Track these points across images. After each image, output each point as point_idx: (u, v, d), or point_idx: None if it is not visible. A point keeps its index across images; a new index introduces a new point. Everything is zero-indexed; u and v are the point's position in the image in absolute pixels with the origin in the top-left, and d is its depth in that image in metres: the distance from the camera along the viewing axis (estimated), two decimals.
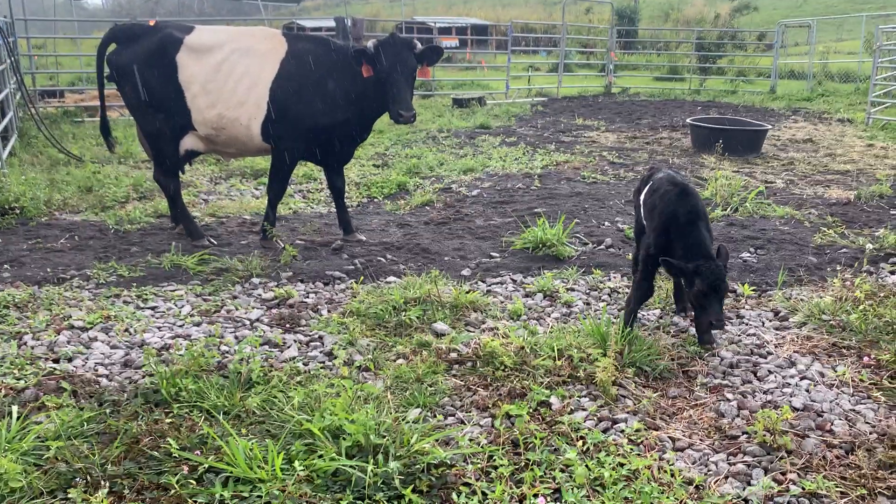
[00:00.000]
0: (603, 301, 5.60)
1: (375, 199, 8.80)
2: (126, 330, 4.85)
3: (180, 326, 4.98)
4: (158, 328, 4.94)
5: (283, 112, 6.26)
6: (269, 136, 6.37)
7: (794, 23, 30.47)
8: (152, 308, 5.29)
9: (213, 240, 6.81)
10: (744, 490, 3.27)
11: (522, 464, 3.42)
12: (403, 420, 3.63)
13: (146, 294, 5.51)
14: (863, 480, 3.35)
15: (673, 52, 27.13)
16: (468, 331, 4.93)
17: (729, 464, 3.50)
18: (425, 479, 3.23)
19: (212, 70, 6.21)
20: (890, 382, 4.27)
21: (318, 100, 6.27)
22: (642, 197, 5.01)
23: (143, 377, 4.17)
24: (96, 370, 4.29)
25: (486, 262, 6.42)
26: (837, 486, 3.28)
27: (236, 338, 4.79)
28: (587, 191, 9.06)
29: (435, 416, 3.83)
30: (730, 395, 4.14)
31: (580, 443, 3.58)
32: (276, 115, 6.26)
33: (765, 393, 4.17)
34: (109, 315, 5.05)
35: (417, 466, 3.27)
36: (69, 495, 3.02)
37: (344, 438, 3.34)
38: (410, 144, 12.20)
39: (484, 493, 3.18)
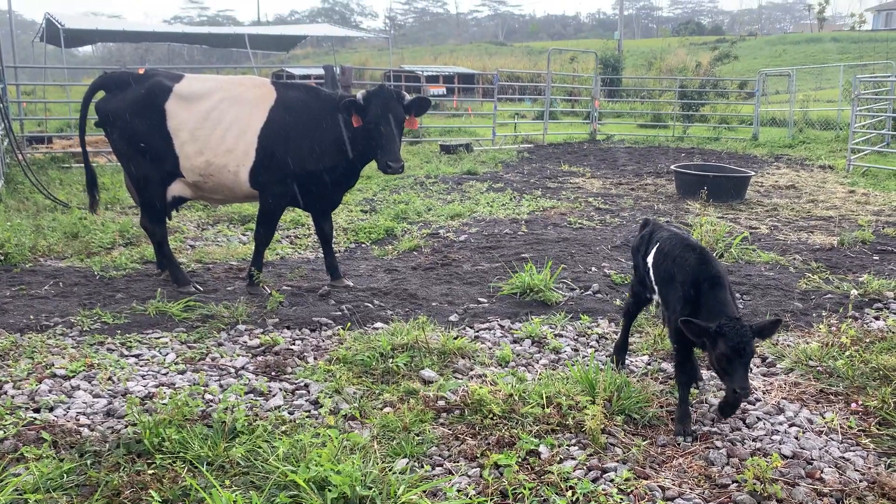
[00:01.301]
0: (591, 347, 5.59)
1: (363, 245, 8.81)
2: (109, 378, 4.78)
3: (164, 374, 4.91)
4: (142, 376, 4.87)
5: (272, 159, 6.30)
6: (257, 183, 6.39)
7: (774, 72, 31.19)
8: (136, 356, 5.23)
9: (199, 286, 6.77)
10: None
11: None
12: (390, 470, 3.57)
13: (130, 341, 5.45)
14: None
15: (656, 100, 27.62)
16: (456, 378, 4.89)
17: None
18: None
19: (200, 118, 6.25)
20: (878, 429, 4.26)
21: (306, 147, 6.31)
22: (650, 260, 4.66)
23: (126, 427, 4.09)
24: (78, 420, 4.22)
25: (474, 308, 6.41)
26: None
27: (221, 386, 4.73)
28: (574, 236, 9.12)
29: (422, 466, 3.78)
30: (719, 443, 4.12)
31: (570, 493, 3.53)
32: (264, 163, 6.30)
33: (754, 440, 4.15)
34: (92, 363, 4.99)
35: None
36: None
37: (329, 490, 3.28)
38: (398, 190, 12.27)
39: None
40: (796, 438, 4.19)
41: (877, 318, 6.23)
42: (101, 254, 7.86)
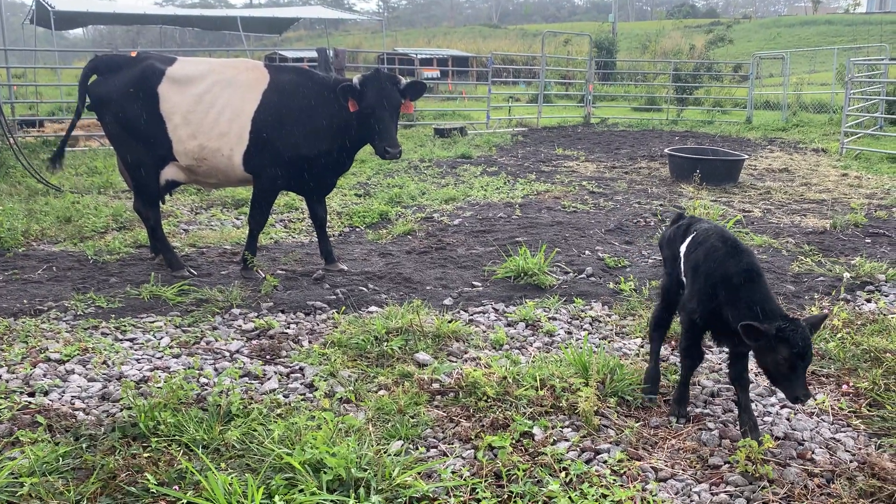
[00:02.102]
0: (584, 330, 5.61)
1: (357, 229, 8.80)
2: (104, 362, 4.79)
3: (159, 358, 4.92)
4: (137, 360, 4.88)
5: (265, 143, 6.27)
6: (251, 167, 6.37)
7: (768, 55, 31.12)
8: (131, 340, 5.23)
9: (193, 270, 6.77)
10: None
11: (505, 496, 3.40)
12: (385, 453, 3.60)
13: (125, 326, 5.44)
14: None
15: (650, 84, 27.56)
16: (450, 361, 4.92)
17: (712, 494, 3.49)
18: None
19: (193, 101, 6.22)
20: (869, 410, 4.30)
21: (299, 131, 6.29)
22: (683, 249, 4.32)
23: (121, 410, 4.10)
24: (73, 404, 4.22)
25: (468, 292, 6.43)
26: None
27: (216, 370, 4.74)
28: (568, 220, 9.13)
29: (417, 448, 3.80)
30: (711, 425, 4.16)
31: (563, 474, 3.56)
32: (257, 146, 6.28)
33: None
34: (87, 347, 4.99)
35: (399, 500, 3.24)
36: None
37: (325, 472, 3.30)
38: (392, 174, 12.25)
39: None
40: (788, 420, 4.23)
41: (868, 301, 6.27)
42: (95, 238, 7.84)
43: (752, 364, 4.27)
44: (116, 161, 7.13)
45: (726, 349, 4.19)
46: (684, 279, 4.24)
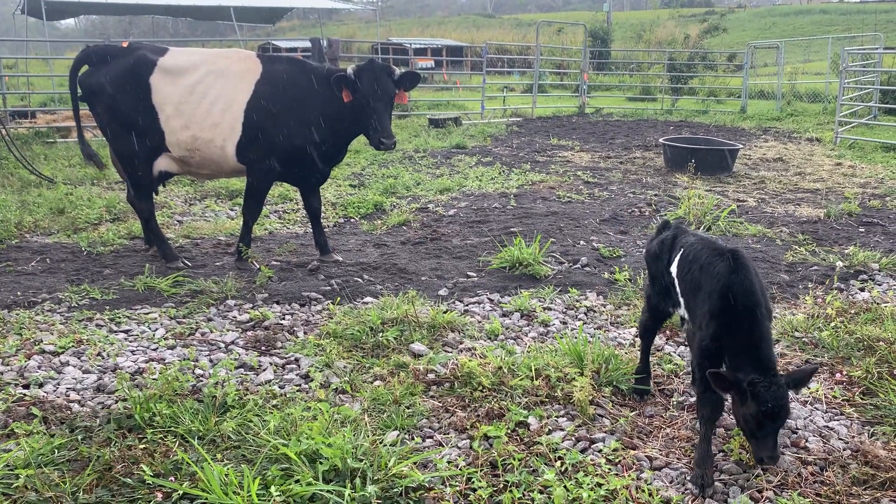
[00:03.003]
0: (579, 320, 5.62)
1: (352, 220, 8.79)
2: (99, 354, 4.78)
3: (154, 350, 4.91)
4: (132, 352, 4.87)
5: (258, 133, 6.25)
6: (244, 158, 6.35)
7: (762, 44, 31.12)
8: (125, 331, 5.22)
9: (187, 261, 6.75)
10: None
11: (501, 486, 3.41)
12: (381, 443, 3.60)
13: (119, 317, 5.43)
14: (837, 497, 3.39)
15: (645, 73, 27.52)
16: (446, 351, 4.92)
17: None
18: (403, 502, 3.21)
19: (186, 92, 6.19)
20: (862, 399, 4.33)
21: (293, 121, 6.26)
22: (674, 269, 3.95)
23: (116, 402, 4.10)
24: (68, 395, 4.22)
25: (464, 282, 6.43)
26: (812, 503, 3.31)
27: (211, 361, 4.74)
28: (562, 210, 9.13)
29: (413, 438, 3.81)
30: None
31: (558, 463, 3.58)
32: (250, 137, 6.25)
33: None
34: (82, 339, 4.98)
35: (395, 490, 3.25)
36: None
37: (321, 462, 3.31)
38: (387, 164, 12.22)
39: None
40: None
41: (862, 290, 6.30)
42: (88, 229, 7.81)
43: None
44: (109, 152, 7.09)
45: None
46: (681, 299, 3.89)
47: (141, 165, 6.43)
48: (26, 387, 4.30)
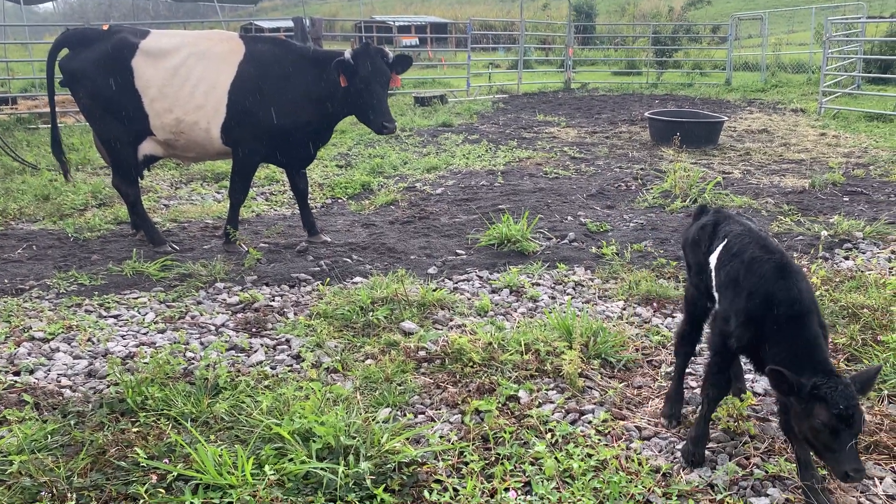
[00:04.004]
0: (568, 294, 5.66)
1: (339, 200, 8.77)
2: (89, 339, 4.78)
3: (144, 334, 4.92)
4: (122, 337, 4.87)
5: (243, 115, 6.21)
6: (229, 140, 6.32)
7: (746, 15, 31.05)
8: (115, 316, 5.21)
9: (175, 245, 6.73)
10: (710, 475, 3.34)
11: (493, 458, 3.45)
12: (373, 420, 3.64)
13: (108, 302, 5.43)
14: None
15: (630, 47, 27.45)
16: (436, 329, 4.95)
17: None
18: (397, 477, 3.25)
19: (168, 74, 6.13)
20: (847, 365, 4.39)
21: (278, 102, 6.23)
22: (713, 260, 3.59)
23: (108, 387, 4.11)
24: (59, 381, 4.22)
25: (452, 260, 6.45)
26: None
27: (202, 344, 4.75)
28: (550, 186, 9.14)
29: (405, 414, 3.85)
30: (693, 383, 4.23)
31: (549, 435, 3.62)
32: (235, 119, 6.21)
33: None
34: (71, 325, 4.97)
35: (389, 466, 3.29)
36: None
37: (314, 441, 3.33)
38: (373, 144, 12.18)
39: (455, 490, 3.20)
40: (754, 371, 4.30)
41: (846, 258, 6.36)
42: (74, 215, 7.77)
43: None
44: (93, 137, 7.03)
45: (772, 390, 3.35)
46: (716, 294, 3.54)
47: (125, 149, 6.39)
48: (17, 374, 4.30)
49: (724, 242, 3.54)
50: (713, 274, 3.55)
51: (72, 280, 5.84)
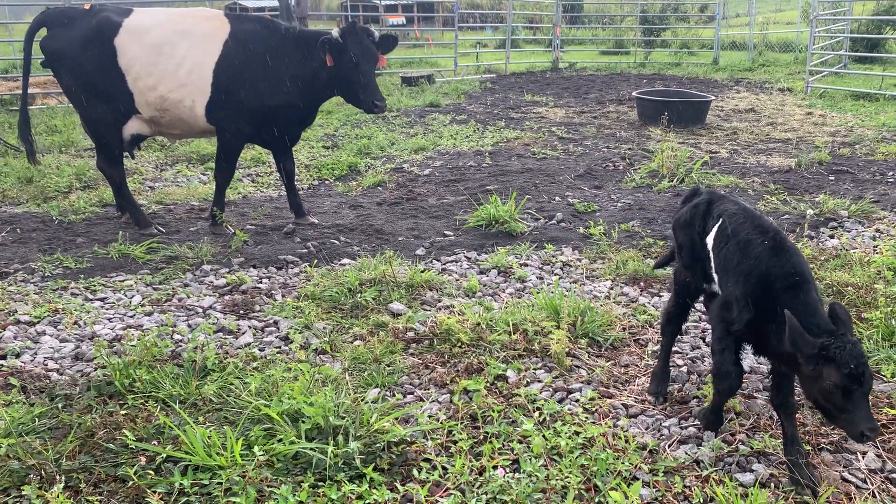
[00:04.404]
0: (555, 275, 5.68)
1: (326, 181, 8.73)
2: (75, 323, 4.75)
3: (131, 317, 4.90)
4: (109, 319, 4.85)
5: (228, 94, 6.15)
6: (213, 119, 6.26)
7: None
8: (101, 299, 5.19)
9: (161, 228, 6.69)
10: (696, 452, 3.38)
11: (481, 437, 3.48)
12: (362, 400, 3.65)
13: (94, 285, 5.39)
14: (807, 437, 3.50)
15: (618, 26, 27.34)
16: (424, 309, 4.96)
17: (681, 427, 3.61)
18: (386, 457, 3.26)
19: (153, 52, 6.06)
20: None
21: (262, 82, 6.17)
22: (710, 241, 3.58)
23: (96, 369, 4.10)
24: (46, 364, 4.21)
25: (441, 241, 6.45)
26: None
27: (189, 326, 4.74)
28: (537, 167, 9.14)
29: (394, 394, 3.86)
30: (680, 361, 4.26)
31: (537, 414, 3.65)
32: (220, 98, 6.15)
33: None
34: (57, 308, 4.94)
35: (378, 445, 3.30)
36: (23, 492, 2.98)
37: (303, 421, 3.34)
38: (360, 125, 12.11)
39: (444, 468, 3.22)
40: (753, 354, 4.34)
41: (831, 237, 6.41)
42: (59, 198, 7.69)
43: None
44: (79, 119, 6.94)
45: (771, 368, 3.44)
46: (715, 275, 3.55)
47: (110, 130, 6.32)
48: (3, 357, 4.28)
49: (719, 223, 3.52)
50: (711, 255, 3.54)
51: (57, 263, 5.80)
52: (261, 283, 5.52)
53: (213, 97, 6.15)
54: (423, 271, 5.49)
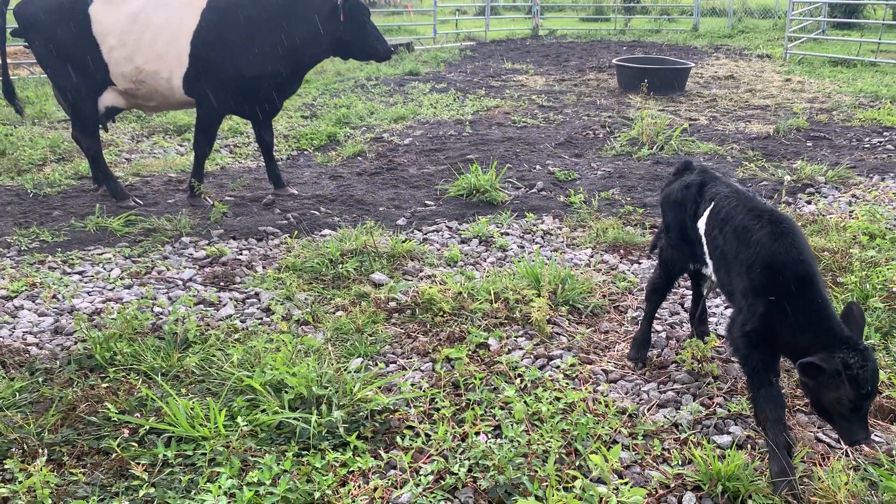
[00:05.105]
0: (536, 243, 5.70)
1: (305, 152, 8.66)
2: (54, 296, 4.71)
3: (111, 290, 4.86)
4: (88, 293, 4.81)
5: (206, 65, 6.04)
6: (191, 90, 6.16)
7: None
8: (80, 273, 5.14)
9: (138, 200, 6.62)
10: (674, 415, 3.44)
11: (463, 404, 3.51)
12: (345, 370, 3.66)
13: (72, 259, 5.34)
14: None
15: None
16: (406, 279, 4.97)
17: (660, 392, 3.66)
18: (369, 425, 3.29)
19: (128, 21, 5.92)
20: None
21: (243, 52, 6.06)
22: (702, 226, 3.45)
23: (76, 343, 4.08)
24: (25, 339, 4.17)
25: (421, 211, 6.44)
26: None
27: (170, 298, 4.71)
28: (518, 135, 9.11)
29: (376, 364, 3.89)
30: (659, 327, 4.32)
31: (518, 380, 3.69)
32: (199, 69, 6.04)
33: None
34: (35, 282, 4.89)
35: (361, 414, 3.33)
36: (6, 465, 2.97)
37: (286, 392, 3.36)
38: (339, 94, 11.99)
39: (427, 435, 3.26)
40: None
41: (808, 203, 6.47)
42: (33, 171, 7.57)
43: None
44: (52, 89, 6.80)
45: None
46: (709, 260, 3.44)
47: (85, 101, 6.20)
48: None
49: (712, 206, 3.39)
50: (704, 240, 3.44)
51: (33, 237, 5.72)
52: (241, 254, 5.49)
53: (190, 69, 6.03)
54: (404, 241, 5.49)
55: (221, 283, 4.97)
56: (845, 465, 2.96)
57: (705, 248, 3.43)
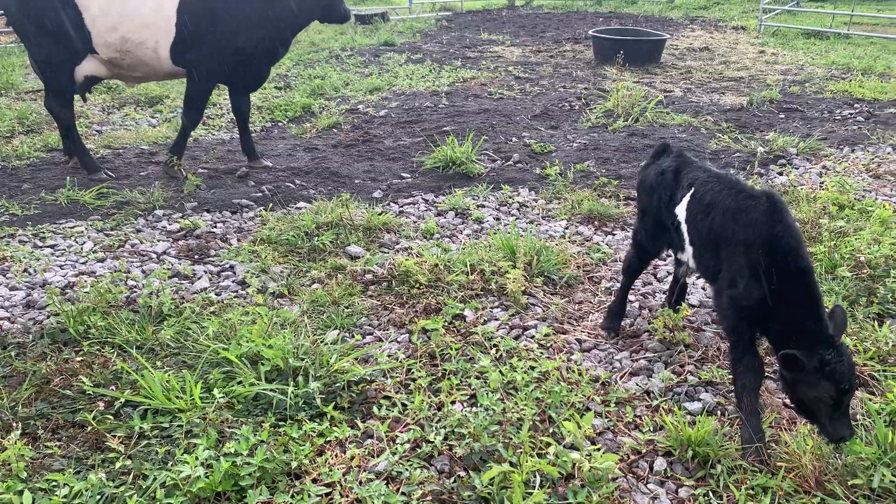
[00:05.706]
0: (512, 215, 5.72)
1: (280, 123, 8.58)
2: (25, 270, 4.65)
3: (83, 263, 4.81)
4: (60, 267, 4.76)
5: (196, 34, 5.90)
6: (180, 60, 6.02)
7: None
8: (51, 246, 5.08)
9: (110, 173, 6.52)
10: (646, 383, 3.50)
11: (439, 374, 3.55)
12: (322, 342, 3.68)
13: (43, 232, 5.27)
14: None
15: None
16: (382, 252, 4.97)
17: (632, 360, 3.73)
18: (346, 396, 3.32)
19: None
20: None
21: (233, 19, 5.92)
22: (681, 212, 3.44)
23: (49, 317, 4.04)
24: None
25: (398, 183, 6.43)
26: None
27: (143, 272, 4.68)
28: (494, 107, 9.09)
29: (353, 336, 3.90)
30: (632, 297, 4.37)
31: (493, 351, 3.73)
32: (187, 39, 5.90)
33: (664, 293, 4.42)
34: (5, 256, 4.83)
35: (338, 385, 3.35)
36: None
37: (262, 364, 3.36)
38: (313, 64, 11.85)
39: (403, 405, 3.29)
40: (703, 289, 4.47)
41: (780, 174, 6.55)
42: (1, 143, 7.42)
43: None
44: (28, 58, 6.62)
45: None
46: (690, 248, 3.43)
47: (63, 69, 6.01)
48: None
49: (692, 192, 3.38)
50: (684, 227, 3.41)
51: (2, 210, 5.63)
52: (215, 227, 5.45)
53: (178, 38, 5.89)
54: (380, 214, 5.49)
55: (196, 256, 4.94)
56: (811, 430, 3.04)
57: (685, 234, 3.42)
